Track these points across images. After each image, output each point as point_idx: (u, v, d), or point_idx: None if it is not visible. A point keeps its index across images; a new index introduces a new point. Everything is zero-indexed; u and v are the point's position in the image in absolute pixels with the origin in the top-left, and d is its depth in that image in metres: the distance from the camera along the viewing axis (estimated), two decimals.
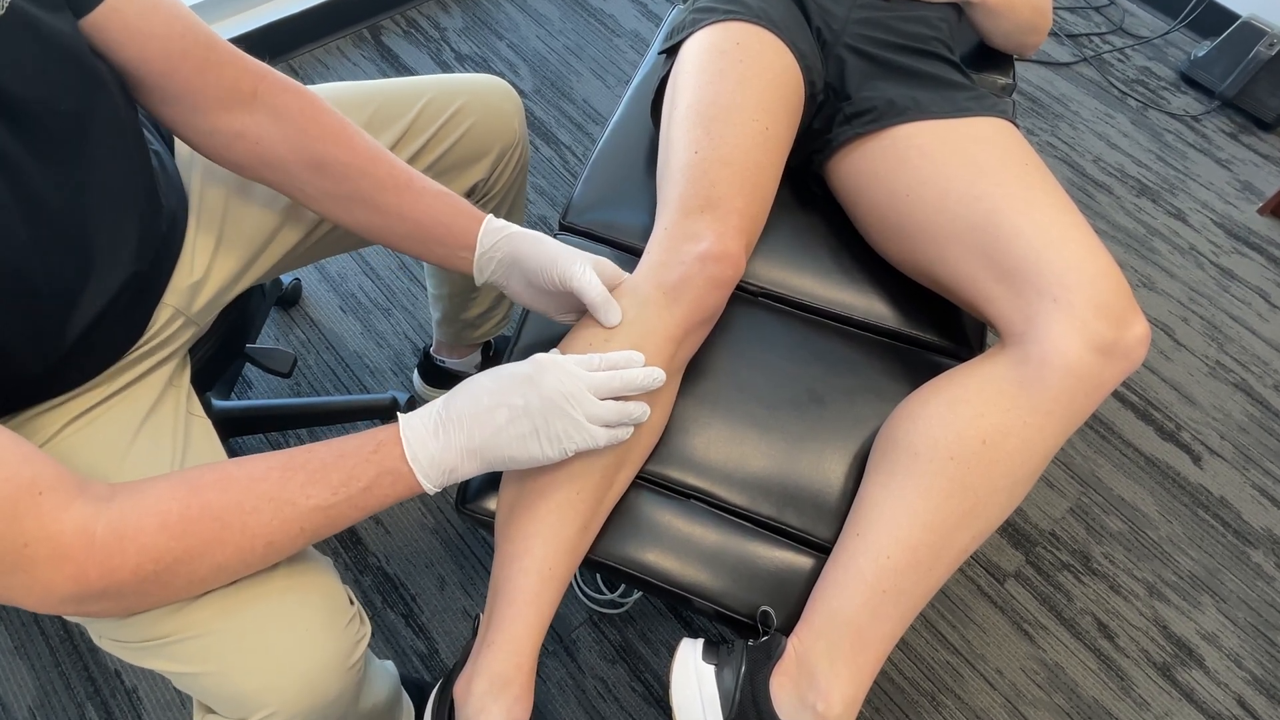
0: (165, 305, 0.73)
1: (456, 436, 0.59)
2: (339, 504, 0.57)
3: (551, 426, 0.60)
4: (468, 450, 0.59)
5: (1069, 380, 0.68)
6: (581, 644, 1.16)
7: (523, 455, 0.61)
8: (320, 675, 0.63)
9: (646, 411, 0.66)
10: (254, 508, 0.55)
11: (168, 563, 0.53)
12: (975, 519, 0.70)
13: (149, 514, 0.53)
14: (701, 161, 0.77)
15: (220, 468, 0.57)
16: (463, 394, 0.61)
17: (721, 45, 0.85)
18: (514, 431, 0.60)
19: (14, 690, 1.08)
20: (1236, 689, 1.19)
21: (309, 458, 0.58)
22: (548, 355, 0.64)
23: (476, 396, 0.61)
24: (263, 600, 0.62)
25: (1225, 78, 1.90)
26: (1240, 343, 1.55)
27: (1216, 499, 1.36)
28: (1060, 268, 0.71)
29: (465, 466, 0.60)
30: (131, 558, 0.52)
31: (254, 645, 0.61)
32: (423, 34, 1.86)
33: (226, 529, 0.55)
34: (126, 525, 0.52)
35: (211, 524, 0.54)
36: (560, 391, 0.61)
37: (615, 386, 0.64)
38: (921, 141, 0.83)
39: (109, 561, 0.51)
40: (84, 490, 0.52)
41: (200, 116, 0.66)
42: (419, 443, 0.59)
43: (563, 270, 0.69)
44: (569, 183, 1.66)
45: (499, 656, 0.65)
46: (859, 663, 0.68)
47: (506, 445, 0.60)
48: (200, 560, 0.55)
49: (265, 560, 0.58)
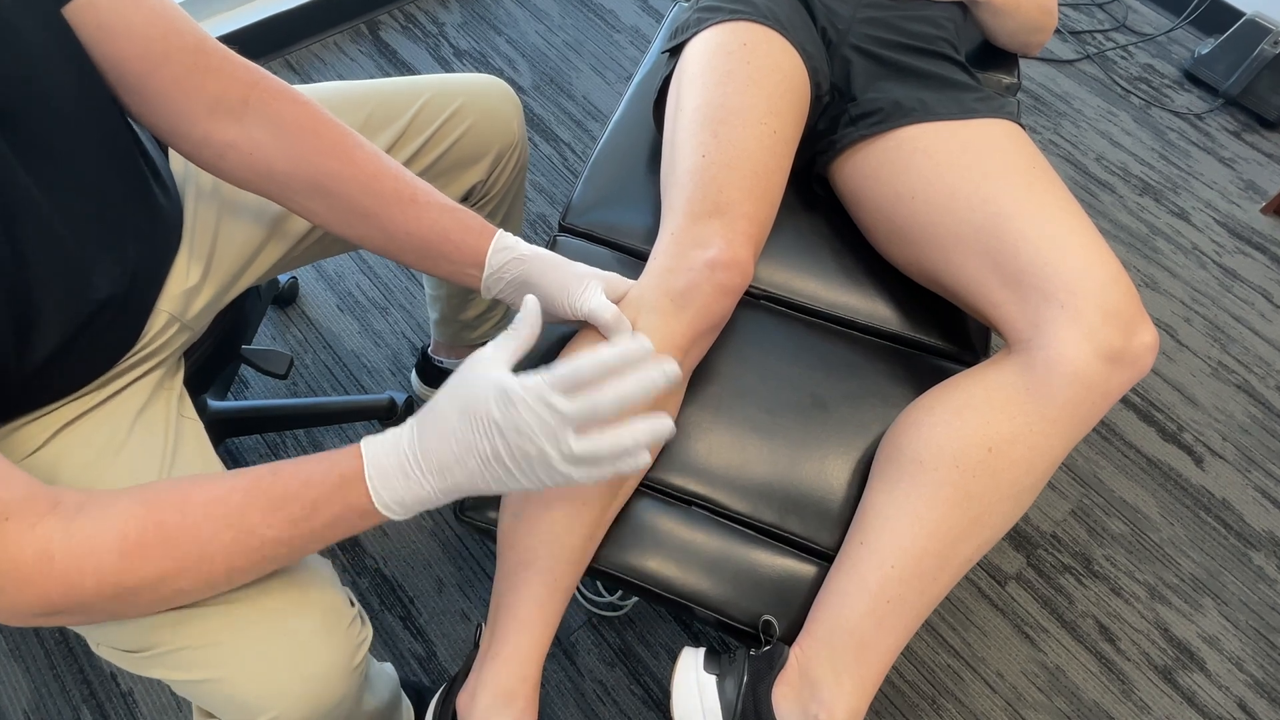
0: (160, 312, 0.72)
1: (427, 480, 0.54)
2: (299, 536, 0.54)
3: (526, 471, 0.53)
4: (441, 490, 0.54)
5: (1076, 388, 0.68)
6: (580, 647, 1.15)
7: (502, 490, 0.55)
8: (322, 679, 0.62)
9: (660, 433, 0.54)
10: (212, 535, 0.53)
11: (129, 585, 0.52)
12: (980, 527, 0.69)
13: (107, 534, 0.51)
14: (709, 165, 0.76)
15: (181, 488, 0.54)
16: (431, 432, 0.54)
17: (728, 46, 0.84)
18: (489, 475, 0.54)
19: (9, 694, 1.07)
20: (1238, 692, 1.19)
21: (274, 482, 0.54)
22: (517, 383, 0.53)
23: (444, 438, 0.53)
24: (263, 605, 0.61)
25: (1229, 76, 1.89)
26: (1243, 343, 1.55)
27: (1218, 501, 1.36)
28: (1068, 273, 0.70)
29: (437, 500, 0.55)
30: (90, 580, 0.50)
31: (255, 651, 0.60)
32: (421, 29, 1.84)
33: (185, 556, 0.52)
34: (84, 548, 0.50)
35: (168, 548, 0.52)
36: (529, 434, 0.51)
37: (606, 408, 0.52)
38: (927, 143, 0.82)
39: (68, 581, 0.50)
40: (54, 507, 0.51)
41: (188, 125, 0.63)
42: (383, 482, 0.54)
43: (574, 301, 0.69)
44: (568, 180, 1.64)
45: (504, 669, 0.64)
46: (863, 673, 0.67)
47: (484, 486, 0.55)
48: (161, 583, 0.53)
49: (230, 583, 0.56)
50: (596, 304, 0.68)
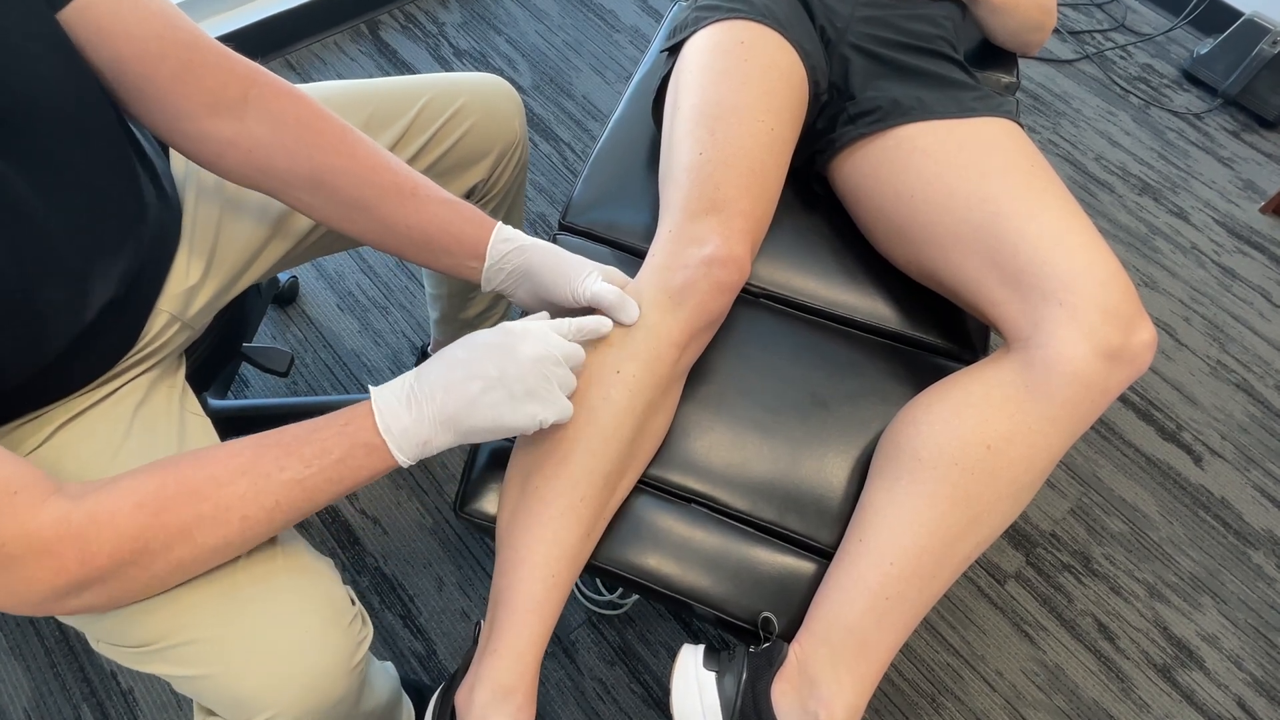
0: (160, 311, 0.72)
1: (429, 407, 0.58)
2: (312, 476, 0.57)
3: (526, 395, 0.60)
4: (440, 421, 0.58)
5: (1075, 386, 0.68)
6: (580, 645, 1.15)
7: (495, 426, 0.60)
8: (323, 677, 0.62)
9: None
10: (229, 480, 0.55)
11: (145, 540, 0.53)
12: (979, 526, 0.70)
13: (125, 495, 0.53)
14: (706, 163, 0.77)
15: (194, 451, 0.57)
16: (435, 365, 0.60)
17: (725, 44, 0.84)
18: (487, 401, 0.58)
19: (9, 692, 1.07)
20: (1237, 690, 1.19)
21: (283, 434, 0.58)
22: (518, 322, 0.63)
23: (450, 367, 0.59)
24: (264, 601, 0.61)
25: (1228, 75, 1.89)
26: (1242, 342, 1.55)
27: (1217, 500, 1.36)
28: (1067, 272, 0.70)
29: (439, 438, 0.59)
30: (109, 540, 0.51)
31: (256, 647, 0.60)
32: (421, 29, 1.84)
33: (203, 502, 0.54)
34: (102, 508, 0.52)
35: (187, 498, 0.54)
36: (535, 357, 0.60)
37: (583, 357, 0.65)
38: (926, 142, 0.82)
39: (87, 547, 0.51)
40: (59, 489, 0.52)
41: (187, 123, 0.63)
42: (391, 414, 0.58)
43: (576, 287, 0.70)
44: (568, 180, 1.64)
45: (502, 665, 0.64)
46: (862, 670, 0.67)
47: (480, 416, 0.59)
48: (178, 539, 0.54)
49: (244, 538, 0.57)
50: (599, 288, 0.70)
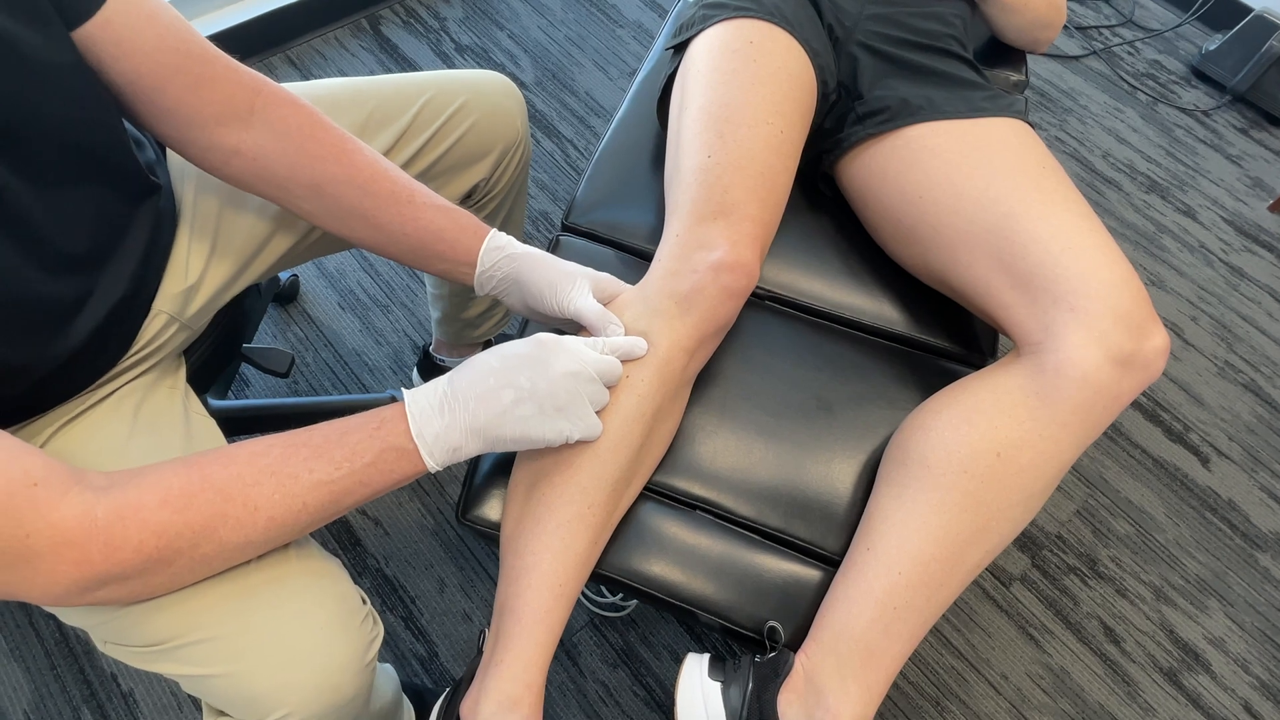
0: (159, 313, 0.72)
1: (461, 415, 0.59)
2: (342, 479, 0.57)
3: (555, 411, 0.60)
4: (472, 429, 0.59)
5: (1086, 392, 0.67)
6: (583, 648, 1.15)
7: (523, 437, 0.60)
8: (337, 674, 0.62)
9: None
10: (255, 480, 0.55)
11: (170, 538, 0.52)
12: (988, 534, 0.69)
13: (150, 490, 0.52)
14: (714, 166, 0.75)
15: (222, 448, 0.57)
16: (468, 372, 0.61)
17: (733, 44, 0.82)
18: (518, 414, 0.59)
19: (9, 694, 1.06)
20: (1244, 694, 1.18)
21: (311, 435, 0.58)
22: (551, 335, 0.63)
23: (482, 375, 0.60)
24: (278, 601, 0.61)
25: (1237, 72, 1.88)
26: (1250, 342, 1.54)
27: (1224, 501, 1.35)
28: (1078, 276, 0.69)
29: (469, 446, 0.60)
30: (134, 535, 0.51)
31: (270, 646, 0.60)
32: (422, 24, 1.83)
33: (229, 501, 0.54)
34: (128, 504, 0.51)
35: (213, 496, 0.54)
36: (567, 373, 0.61)
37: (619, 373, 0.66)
38: (935, 142, 0.81)
39: (112, 542, 0.50)
40: (80, 479, 0.51)
41: (196, 132, 0.64)
42: (424, 419, 0.59)
43: (560, 299, 0.70)
44: (570, 177, 1.63)
45: (508, 676, 0.63)
46: (869, 681, 0.67)
47: (510, 426, 0.59)
48: (203, 537, 0.54)
49: (267, 538, 0.57)
50: (582, 304, 0.69)
